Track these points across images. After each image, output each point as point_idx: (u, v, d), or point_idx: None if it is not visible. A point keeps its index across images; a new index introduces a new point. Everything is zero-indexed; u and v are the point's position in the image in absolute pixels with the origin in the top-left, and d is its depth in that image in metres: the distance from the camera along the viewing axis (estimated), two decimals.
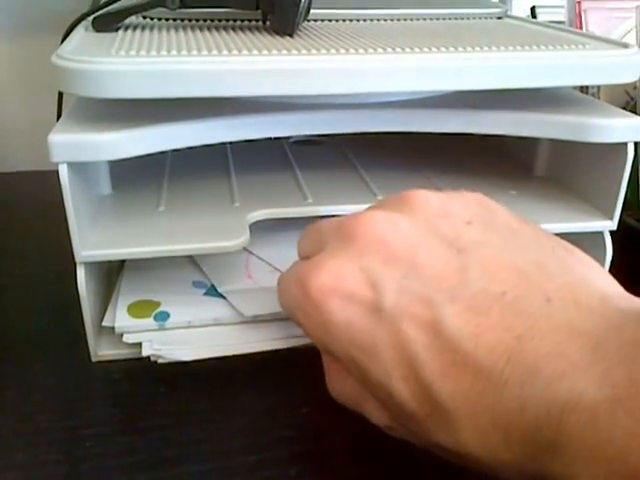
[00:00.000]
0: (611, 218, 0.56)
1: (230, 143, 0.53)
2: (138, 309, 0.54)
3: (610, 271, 0.55)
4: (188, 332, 0.53)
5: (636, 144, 0.53)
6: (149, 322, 0.52)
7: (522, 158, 0.68)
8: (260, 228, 0.56)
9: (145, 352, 0.50)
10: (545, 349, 0.31)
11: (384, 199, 0.45)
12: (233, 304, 0.55)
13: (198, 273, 0.59)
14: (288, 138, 0.73)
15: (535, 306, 0.33)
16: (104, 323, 0.52)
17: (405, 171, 0.65)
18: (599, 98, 0.70)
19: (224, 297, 0.56)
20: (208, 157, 0.66)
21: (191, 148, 0.51)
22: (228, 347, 0.52)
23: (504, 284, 0.34)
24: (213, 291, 0.57)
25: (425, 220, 0.39)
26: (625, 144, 0.53)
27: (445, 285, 0.35)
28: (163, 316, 0.53)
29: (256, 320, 0.54)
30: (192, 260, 0.60)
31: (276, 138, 0.70)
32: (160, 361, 0.50)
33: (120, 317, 0.52)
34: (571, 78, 0.51)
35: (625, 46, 0.53)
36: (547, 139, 0.61)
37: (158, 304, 0.54)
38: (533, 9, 0.81)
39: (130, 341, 0.51)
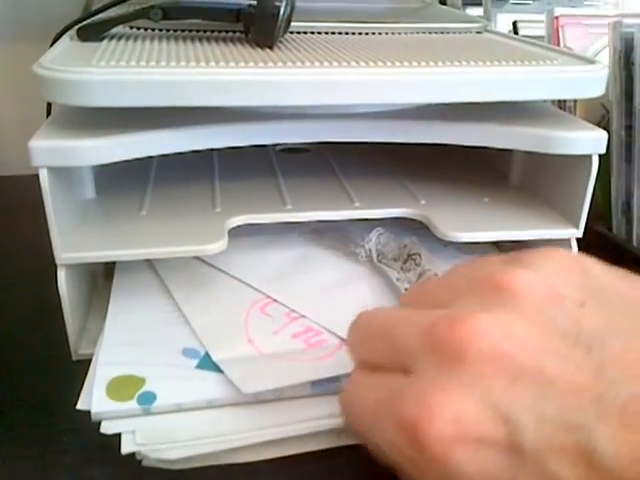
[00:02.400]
0: (577, 226, 0.57)
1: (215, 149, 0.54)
2: (119, 388, 0.46)
3: None
4: (177, 418, 0.45)
5: (603, 156, 0.54)
6: (132, 406, 0.44)
7: (498, 167, 0.70)
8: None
9: (125, 449, 0.42)
10: None
11: (467, 283, 0.37)
12: (230, 377, 0.47)
13: (189, 336, 0.52)
14: (274, 145, 0.74)
15: None
16: (79, 406, 0.44)
17: (383, 178, 0.67)
18: (575, 111, 0.72)
19: (219, 369, 0.48)
20: (194, 163, 0.67)
21: (177, 153, 0.52)
22: (225, 439, 0.44)
23: None
24: (207, 362, 0.49)
25: (536, 313, 0.32)
26: (590, 156, 0.54)
27: (587, 399, 0.29)
28: (148, 398, 0.45)
29: (258, 400, 0.47)
30: (183, 320, 0.54)
31: (261, 145, 0.71)
32: (144, 463, 0.43)
33: (98, 400, 0.44)
34: (538, 93, 0.53)
35: (592, 62, 0.54)
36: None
37: (142, 381, 0.46)
38: (515, 24, 0.82)
39: (109, 431, 0.43)
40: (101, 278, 0.61)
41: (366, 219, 0.60)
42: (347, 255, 0.63)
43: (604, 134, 0.54)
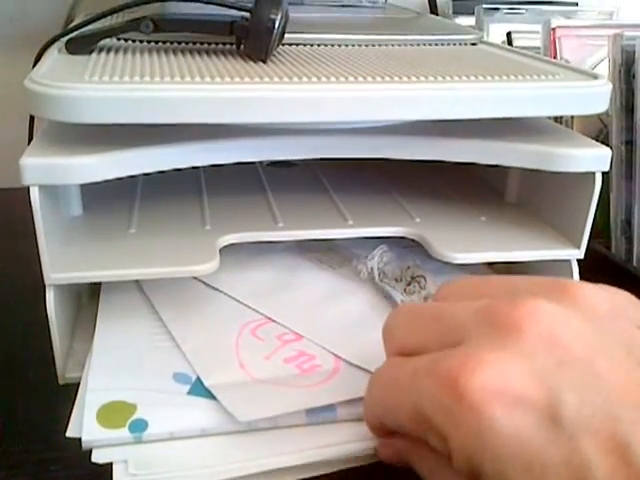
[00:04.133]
0: (578, 247, 0.56)
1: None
2: (110, 415, 0.44)
3: None
4: (169, 446, 0.44)
5: (605, 173, 0.53)
6: (123, 434, 0.43)
7: (494, 184, 0.69)
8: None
9: (117, 479, 0.41)
10: None
11: (534, 282, 0.38)
12: (224, 405, 0.45)
13: (180, 360, 0.50)
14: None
15: None
16: (68, 434, 0.43)
17: (376, 195, 0.66)
18: (572, 125, 0.71)
19: (211, 395, 0.47)
20: (181, 178, 0.66)
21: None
22: (219, 470, 0.42)
23: None
24: (199, 388, 0.47)
25: (596, 319, 0.33)
26: (593, 174, 0.53)
27: (630, 400, 0.29)
28: (140, 425, 0.44)
29: (252, 429, 0.45)
30: (173, 342, 0.52)
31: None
32: None
33: (89, 427, 0.43)
34: (541, 109, 0.52)
35: (595, 77, 0.53)
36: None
37: (133, 408, 0.45)
38: (509, 35, 0.81)
39: (101, 460, 0.42)
40: (85, 296, 0.59)
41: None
42: (333, 267, 0.63)
43: (608, 151, 0.53)
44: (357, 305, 0.58)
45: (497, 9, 0.86)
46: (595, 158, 0.53)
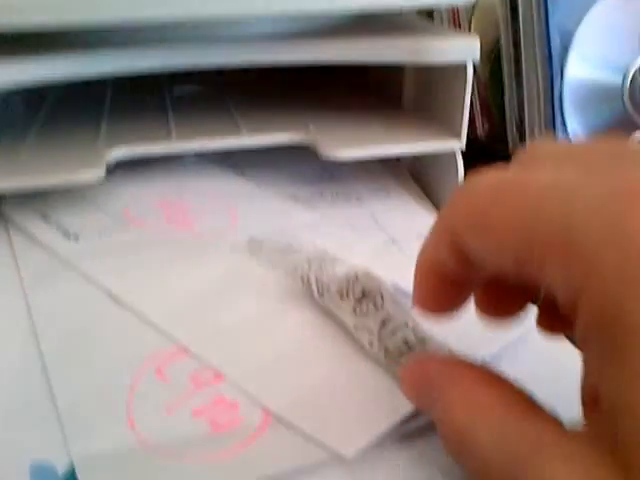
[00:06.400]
0: (459, 137, 0.57)
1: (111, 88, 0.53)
2: None
3: None
4: None
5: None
6: None
7: (393, 93, 0.70)
8: None
9: None
10: None
11: None
12: None
13: (48, 432, 0.36)
14: (170, 91, 0.74)
15: None
16: None
17: (277, 109, 0.66)
18: (470, 31, 0.71)
19: None
20: (88, 98, 0.66)
21: (70, 90, 0.51)
22: None
23: None
24: None
25: None
26: (465, 65, 0.54)
27: None
28: None
29: None
30: (48, 391, 0.38)
31: (158, 90, 0.70)
32: None
33: None
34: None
35: None
36: (411, 71, 0.64)
37: None
38: None
39: None
40: None
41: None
42: (288, 272, 0.48)
43: (475, 40, 0.53)
44: (302, 326, 0.44)
45: None
46: (463, 48, 0.54)
